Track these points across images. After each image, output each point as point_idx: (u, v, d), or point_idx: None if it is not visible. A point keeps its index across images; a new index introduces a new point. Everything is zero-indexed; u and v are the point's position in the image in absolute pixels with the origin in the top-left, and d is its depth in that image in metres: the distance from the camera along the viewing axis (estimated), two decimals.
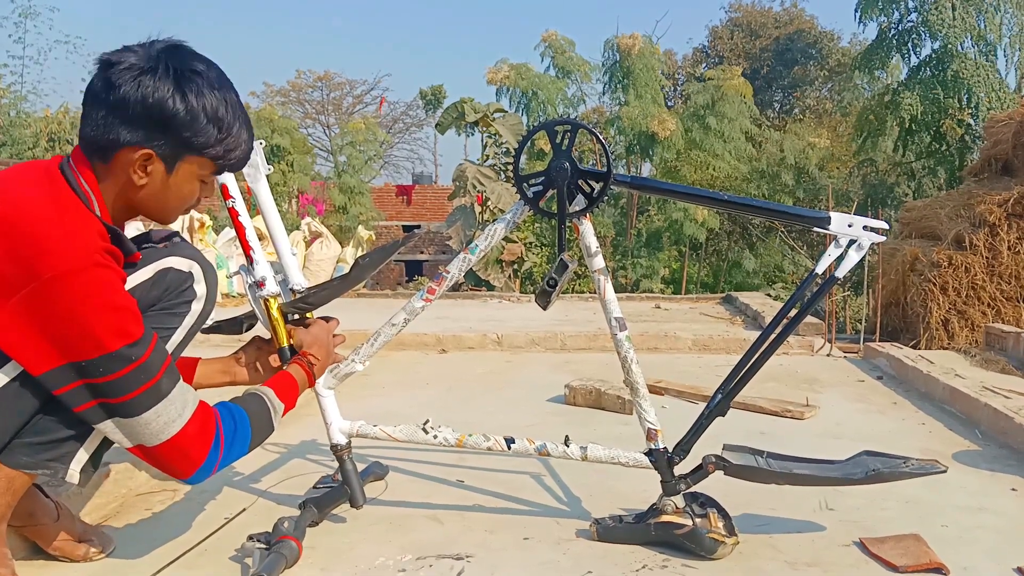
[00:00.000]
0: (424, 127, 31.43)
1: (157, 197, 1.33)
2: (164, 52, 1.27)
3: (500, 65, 11.39)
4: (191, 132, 1.28)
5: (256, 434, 1.40)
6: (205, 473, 1.31)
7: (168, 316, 1.43)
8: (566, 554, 1.62)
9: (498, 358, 4.18)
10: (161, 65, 1.25)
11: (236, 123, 1.33)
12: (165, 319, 1.42)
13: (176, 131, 1.27)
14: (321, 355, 1.61)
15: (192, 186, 1.35)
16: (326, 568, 1.56)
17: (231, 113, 1.32)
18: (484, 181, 9.36)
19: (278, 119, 13.41)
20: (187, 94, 1.26)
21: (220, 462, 1.32)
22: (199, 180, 1.36)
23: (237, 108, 1.34)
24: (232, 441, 1.34)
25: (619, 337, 1.65)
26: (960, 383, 3.01)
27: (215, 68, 1.34)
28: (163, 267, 1.41)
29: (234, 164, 1.39)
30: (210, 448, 1.30)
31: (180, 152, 1.29)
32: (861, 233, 1.58)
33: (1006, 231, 5.59)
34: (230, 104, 1.32)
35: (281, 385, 1.49)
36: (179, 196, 1.35)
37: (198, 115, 1.27)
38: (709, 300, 7.37)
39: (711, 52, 22.41)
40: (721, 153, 11.43)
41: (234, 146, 1.35)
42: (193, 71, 1.28)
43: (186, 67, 1.27)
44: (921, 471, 1.64)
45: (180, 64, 1.27)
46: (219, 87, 1.31)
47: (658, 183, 1.86)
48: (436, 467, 2.21)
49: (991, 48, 11.11)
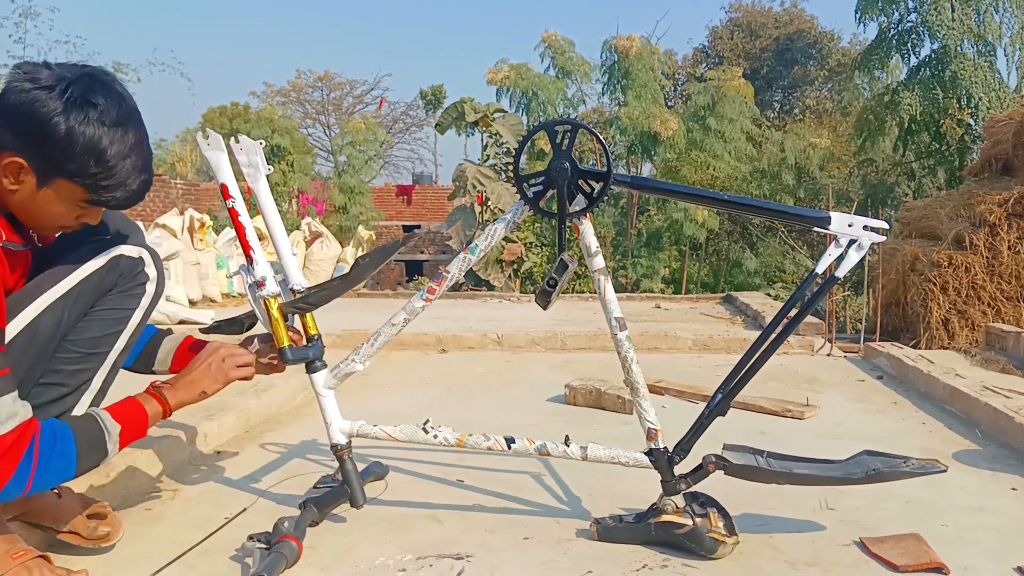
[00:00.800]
0: (424, 127, 31.50)
1: (27, 207, 1.33)
2: (75, 77, 1.28)
3: (500, 65, 11.40)
4: (63, 156, 1.27)
5: (84, 453, 1.37)
6: (15, 488, 1.27)
7: (127, 298, 1.49)
8: (566, 554, 1.62)
9: (498, 358, 4.18)
10: (61, 86, 1.26)
11: (121, 164, 1.32)
12: (124, 301, 1.49)
13: (50, 151, 1.27)
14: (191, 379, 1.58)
15: (64, 207, 1.35)
16: (326, 568, 1.56)
17: (118, 152, 1.31)
18: (484, 181, 9.36)
19: (278, 119, 13.43)
20: (71, 120, 1.26)
21: (34, 477, 1.29)
22: (73, 204, 1.35)
23: (131, 150, 1.33)
24: (49, 456, 1.31)
25: (619, 337, 1.65)
26: (960, 383, 3.01)
27: (123, 106, 1.33)
28: (115, 254, 1.47)
29: (113, 203, 1.37)
30: (20, 461, 1.26)
31: (51, 172, 1.29)
32: (861, 233, 1.58)
33: (1006, 231, 5.59)
34: (121, 143, 1.31)
35: (120, 408, 1.47)
36: (49, 212, 1.35)
37: (75, 142, 1.27)
38: (709, 300, 7.37)
39: (711, 52, 22.41)
40: (721, 153, 11.43)
41: (113, 185, 1.33)
42: (90, 101, 1.28)
43: (85, 95, 1.27)
44: (921, 471, 1.64)
45: (81, 91, 1.27)
46: (115, 124, 1.30)
47: (658, 183, 1.86)
48: (436, 467, 2.21)
49: (990, 48, 11.11)
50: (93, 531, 1.57)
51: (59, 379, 1.42)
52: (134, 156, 1.34)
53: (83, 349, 1.45)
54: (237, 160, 1.72)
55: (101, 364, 1.48)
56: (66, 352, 1.44)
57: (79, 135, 1.27)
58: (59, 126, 1.25)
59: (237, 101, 23.59)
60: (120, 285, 1.48)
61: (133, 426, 1.47)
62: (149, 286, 1.53)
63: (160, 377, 1.68)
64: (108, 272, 1.46)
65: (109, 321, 1.48)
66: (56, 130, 1.25)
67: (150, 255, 1.54)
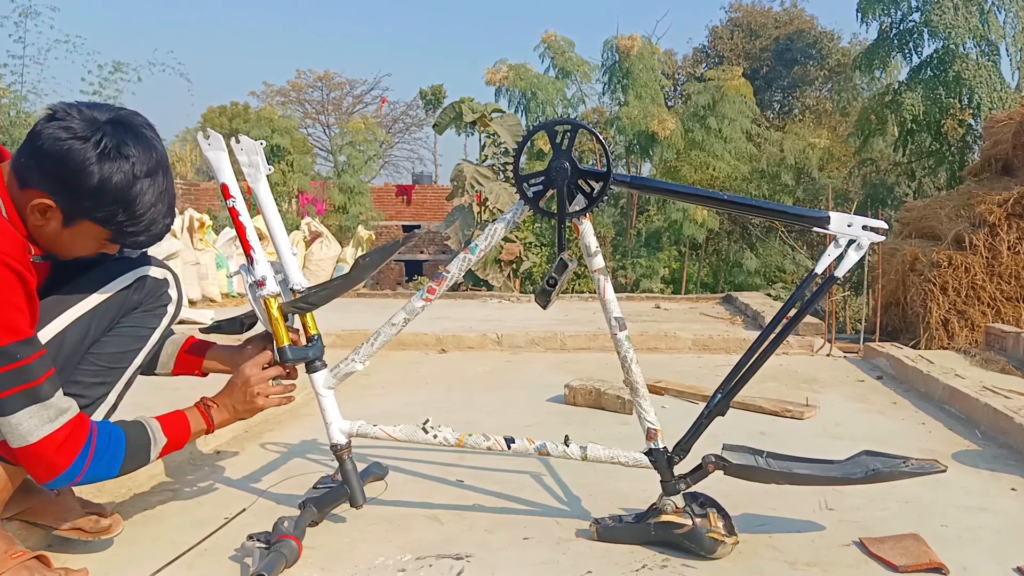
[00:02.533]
0: (424, 127, 31.51)
1: (52, 241, 1.36)
2: (109, 125, 1.30)
3: (499, 66, 11.41)
4: (93, 204, 1.30)
5: (129, 458, 1.43)
6: (68, 479, 1.34)
7: (149, 317, 1.56)
8: (566, 554, 1.62)
9: (498, 358, 4.18)
10: (96, 136, 1.28)
11: (148, 211, 1.35)
12: (146, 319, 1.56)
13: (80, 197, 1.30)
14: (230, 403, 1.63)
15: (89, 244, 1.38)
16: (326, 568, 1.56)
17: (146, 202, 1.34)
18: (482, 181, 9.35)
19: (278, 119, 13.43)
20: (105, 171, 1.28)
21: (86, 472, 1.35)
22: (96, 241, 1.38)
23: (158, 198, 1.36)
24: (102, 455, 1.37)
25: (619, 337, 1.65)
26: (960, 383, 3.01)
27: (154, 155, 1.35)
28: (141, 275, 1.54)
29: (135, 245, 1.42)
30: (77, 455, 1.33)
31: (79, 215, 1.32)
32: (861, 233, 1.58)
33: (1006, 231, 5.59)
34: (149, 192, 1.34)
35: (170, 421, 1.53)
36: (73, 248, 1.38)
37: (107, 192, 1.30)
38: (709, 300, 7.37)
39: (711, 52, 22.39)
40: (721, 153, 11.43)
41: (137, 232, 1.37)
42: (123, 153, 1.30)
43: (119, 147, 1.30)
44: (921, 471, 1.64)
45: (115, 143, 1.29)
46: (145, 174, 1.33)
47: (658, 183, 1.86)
48: (436, 467, 2.21)
49: (993, 48, 11.11)
50: (95, 524, 1.58)
51: (79, 390, 1.45)
52: (160, 204, 1.37)
53: (104, 363, 1.50)
54: (237, 160, 1.72)
55: (119, 379, 1.53)
56: (88, 365, 1.48)
57: (112, 186, 1.29)
58: (92, 176, 1.28)
59: (237, 101, 23.59)
60: (144, 304, 1.55)
61: (176, 441, 1.53)
62: (170, 307, 1.60)
63: None
64: (135, 291, 1.53)
65: (131, 338, 1.54)
66: (89, 179, 1.28)
67: (173, 278, 1.62)
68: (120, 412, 1.53)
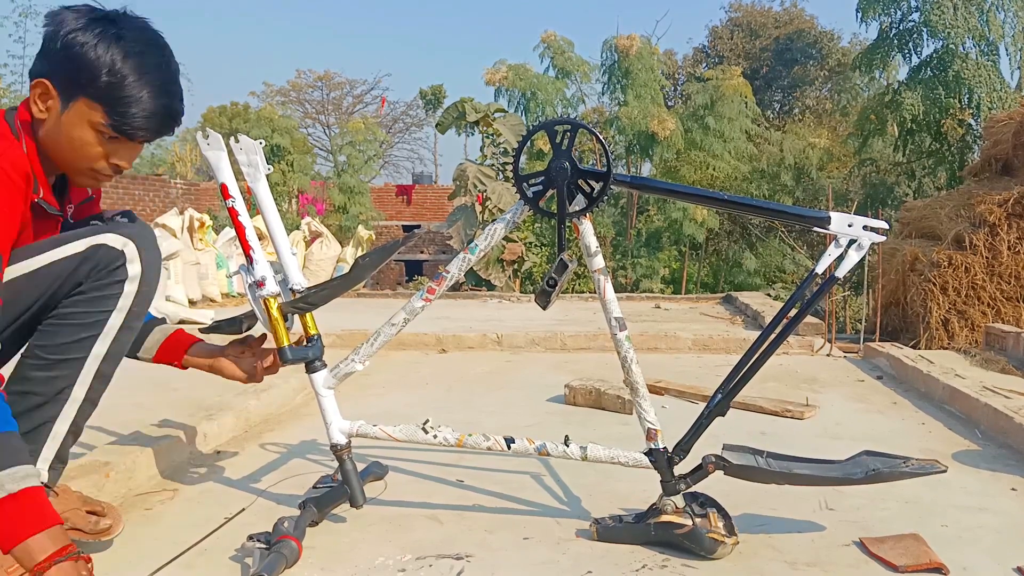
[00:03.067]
0: (424, 127, 31.50)
1: (53, 137, 1.35)
2: (111, 13, 1.35)
3: (498, 66, 11.40)
4: (77, 69, 1.31)
5: None
6: None
7: (100, 299, 1.38)
8: (566, 554, 1.62)
9: (498, 358, 4.17)
10: (95, 20, 1.32)
11: (137, 80, 1.33)
12: (97, 303, 1.38)
13: (68, 67, 1.31)
14: None
15: (87, 134, 1.35)
16: (326, 568, 1.56)
17: (133, 67, 1.33)
18: (485, 181, 9.36)
19: (278, 119, 13.42)
20: (88, 35, 1.31)
21: None
22: (95, 130, 1.35)
23: (149, 69, 1.35)
24: None
25: (619, 337, 1.65)
26: (960, 383, 3.01)
27: (146, 31, 1.38)
28: (95, 243, 1.37)
29: (132, 127, 1.35)
30: None
31: (71, 91, 1.32)
32: (861, 233, 1.58)
33: (1006, 231, 5.59)
34: (136, 58, 1.33)
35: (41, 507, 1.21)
36: (74, 141, 1.35)
37: (90, 54, 1.30)
38: (709, 300, 7.37)
39: (711, 52, 22.38)
40: (721, 153, 11.42)
41: (128, 100, 1.33)
42: (111, 20, 1.34)
43: (108, 16, 1.34)
44: (921, 471, 1.64)
45: (106, 13, 1.34)
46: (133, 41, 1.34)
47: (658, 183, 1.86)
48: (436, 467, 2.21)
49: (992, 48, 11.11)
50: (94, 525, 1.55)
51: (29, 387, 1.36)
52: (152, 75, 1.35)
53: (51, 355, 1.37)
54: (237, 160, 1.72)
55: (77, 372, 1.39)
56: (34, 358, 1.37)
57: (93, 48, 1.31)
58: (76, 39, 1.30)
59: (237, 101, 23.61)
60: (91, 279, 1.36)
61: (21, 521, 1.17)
62: (128, 285, 1.39)
63: None
64: (83, 262, 1.35)
65: (81, 326, 1.37)
66: (73, 43, 1.30)
67: (137, 249, 1.40)
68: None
